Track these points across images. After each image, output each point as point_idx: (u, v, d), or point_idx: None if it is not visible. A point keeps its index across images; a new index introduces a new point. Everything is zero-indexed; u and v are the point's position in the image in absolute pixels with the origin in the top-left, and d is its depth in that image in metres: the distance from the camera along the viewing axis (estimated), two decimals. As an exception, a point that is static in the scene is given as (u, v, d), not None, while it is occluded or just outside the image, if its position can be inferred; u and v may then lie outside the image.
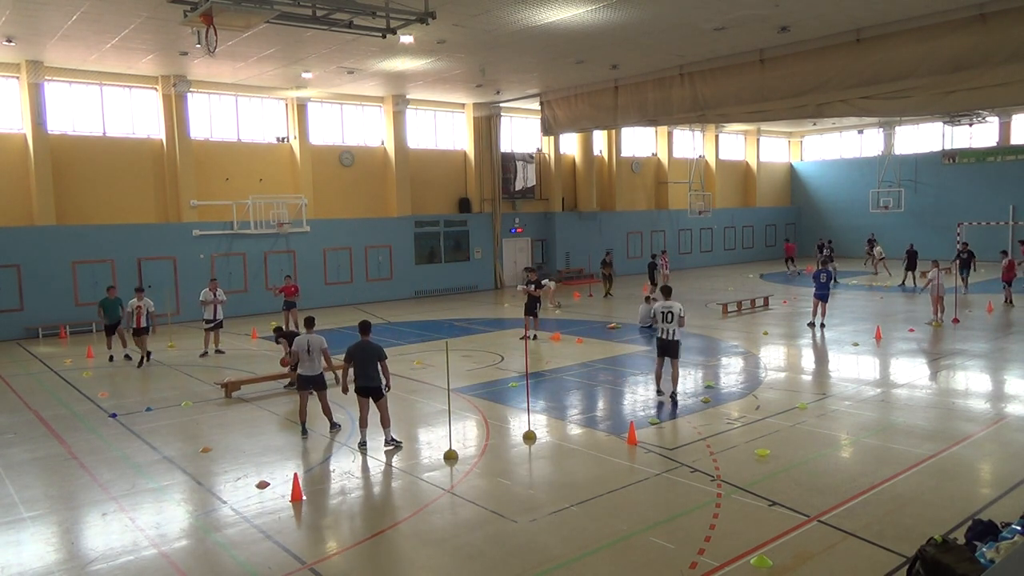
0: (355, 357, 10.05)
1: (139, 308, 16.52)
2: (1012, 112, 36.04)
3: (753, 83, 20.88)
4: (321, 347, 10.86)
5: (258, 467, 9.63)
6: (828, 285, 19.20)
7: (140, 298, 16.76)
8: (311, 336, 10.91)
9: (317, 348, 10.82)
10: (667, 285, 13.04)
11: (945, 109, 23.45)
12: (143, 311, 16.57)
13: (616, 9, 16.65)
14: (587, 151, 34.57)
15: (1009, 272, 22.49)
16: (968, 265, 25.45)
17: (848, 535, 7.14)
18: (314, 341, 10.83)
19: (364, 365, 10.02)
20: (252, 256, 25.40)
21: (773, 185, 45.74)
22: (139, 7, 15.84)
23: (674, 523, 7.55)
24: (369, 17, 13.72)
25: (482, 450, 10.12)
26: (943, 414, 11.24)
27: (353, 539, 7.56)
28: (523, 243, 33.39)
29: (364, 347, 10.07)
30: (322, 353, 10.87)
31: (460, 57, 21.32)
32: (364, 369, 10.02)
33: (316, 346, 10.81)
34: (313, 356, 10.80)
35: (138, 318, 16.51)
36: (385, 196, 29.16)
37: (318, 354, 10.82)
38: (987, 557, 5.69)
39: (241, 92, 25.44)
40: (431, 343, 18.38)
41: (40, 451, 10.54)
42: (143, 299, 16.79)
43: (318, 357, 10.83)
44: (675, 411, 11.79)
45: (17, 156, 21.76)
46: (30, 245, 21.41)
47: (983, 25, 16.49)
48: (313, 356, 10.80)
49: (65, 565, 7.03)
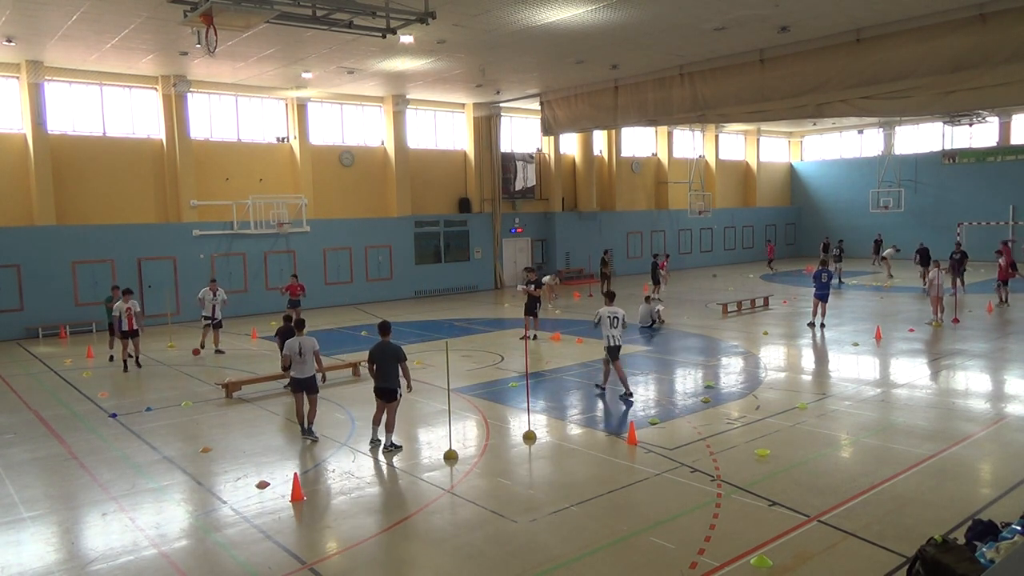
0: (377, 359, 10.02)
1: (128, 311, 15.98)
2: (1012, 112, 36.04)
3: (753, 83, 20.88)
4: (313, 349, 10.71)
5: (258, 467, 9.63)
6: (829, 285, 19.20)
7: (127, 300, 16.20)
8: (303, 338, 10.70)
9: (309, 350, 10.63)
10: (611, 290, 13.62)
11: (945, 109, 23.46)
12: (132, 313, 16.02)
13: (616, 9, 16.65)
14: (587, 151, 34.58)
15: (1006, 271, 22.50)
16: (960, 265, 25.24)
17: (848, 535, 7.13)
18: (306, 343, 10.64)
19: (385, 366, 9.98)
20: (252, 256, 25.40)
21: (773, 185, 45.74)
22: (139, 7, 15.84)
23: (674, 523, 7.55)
24: (369, 17, 13.72)
25: (482, 450, 10.12)
26: (943, 414, 11.24)
27: (353, 539, 7.56)
28: (523, 243, 33.40)
29: (385, 348, 10.04)
30: (314, 355, 10.72)
31: (460, 57, 21.32)
32: (385, 370, 9.97)
33: (308, 348, 10.62)
34: (305, 358, 10.60)
35: (129, 320, 15.99)
36: (385, 196, 29.17)
37: (310, 356, 10.65)
38: (987, 557, 5.68)
39: (241, 92, 25.43)
40: (431, 343, 18.38)
41: (40, 451, 10.54)
42: (130, 300, 16.22)
43: (310, 359, 10.66)
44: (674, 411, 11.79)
45: (17, 156, 21.77)
46: (30, 245, 21.41)
47: (983, 25, 16.49)
48: (305, 358, 10.60)
49: (65, 565, 7.03)
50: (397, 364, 9.98)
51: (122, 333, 16.17)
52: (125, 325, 16.01)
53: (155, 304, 22.64)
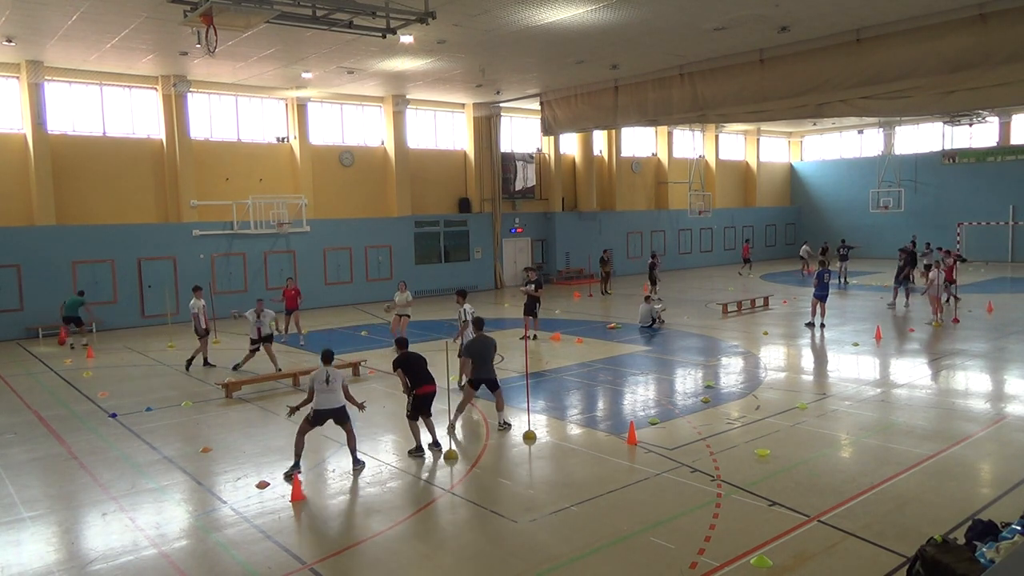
0: (476, 352, 10.49)
1: (203, 308, 16.07)
2: (1012, 112, 36.05)
3: (753, 83, 20.87)
4: (344, 380, 9.74)
5: (258, 467, 9.63)
6: (829, 286, 19.18)
7: (199, 297, 16.22)
8: (331, 369, 9.64)
9: (338, 379, 9.59)
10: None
11: (945, 109, 23.43)
12: (204, 310, 16.12)
13: (616, 9, 16.65)
14: (587, 151, 34.58)
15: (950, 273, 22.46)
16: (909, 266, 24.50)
17: (848, 535, 7.13)
18: (334, 373, 9.60)
19: (485, 359, 10.57)
20: (252, 256, 25.40)
21: (773, 185, 45.73)
22: (139, 7, 15.84)
23: (674, 523, 7.55)
24: (369, 17, 13.71)
25: (482, 450, 10.12)
26: (943, 414, 11.24)
27: (353, 539, 7.56)
28: (523, 243, 33.39)
29: (484, 341, 10.60)
30: (343, 388, 9.66)
31: (460, 57, 21.31)
32: (485, 362, 10.59)
33: (337, 378, 9.59)
34: (332, 386, 9.52)
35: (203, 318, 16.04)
36: (385, 196, 29.16)
37: (338, 385, 9.58)
38: (987, 557, 5.68)
39: (241, 92, 25.43)
40: (431, 343, 18.37)
41: (40, 451, 10.54)
42: (202, 298, 16.21)
43: (338, 388, 9.59)
44: (674, 411, 11.79)
45: (17, 156, 21.76)
46: (30, 245, 21.41)
47: (983, 25, 16.48)
48: (332, 386, 9.52)
49: (65, 565, 7.03)
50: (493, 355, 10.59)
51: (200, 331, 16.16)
52: (204, 323, 16.06)
53: (155, 304, 22.63)
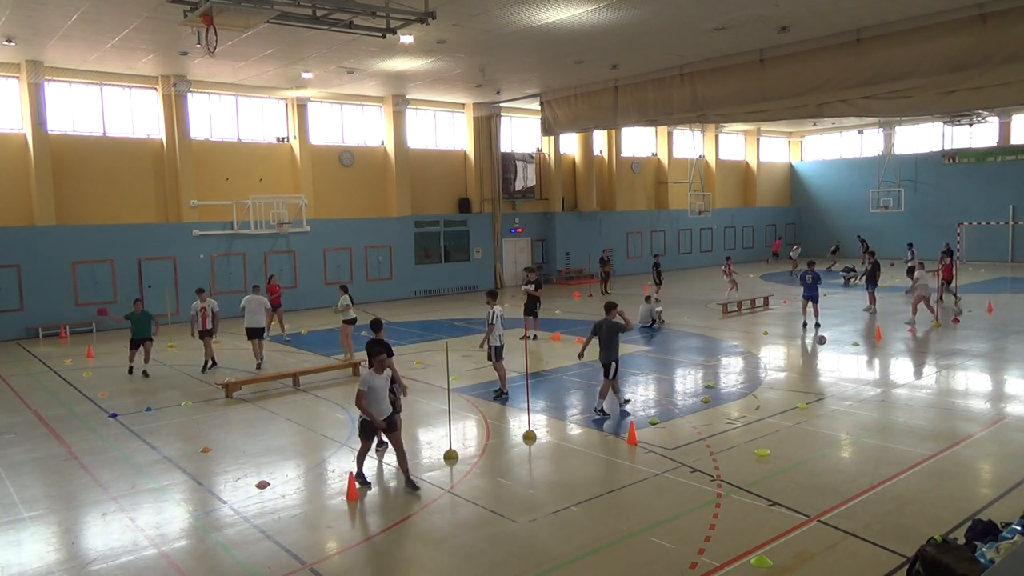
0: (600, 332, 11.39)
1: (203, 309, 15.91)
2: (1012, 112, 36.03)
3: (753, 83, 20.87)
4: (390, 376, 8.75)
5: (258, 467, 9.63)
6: (815, 287, 19.04)
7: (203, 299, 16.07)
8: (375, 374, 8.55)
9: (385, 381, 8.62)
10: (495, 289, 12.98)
11: (945, 109, 23.42)
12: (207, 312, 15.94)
13: (616, 9, 16.65)
14: (587, 151, 34.58)
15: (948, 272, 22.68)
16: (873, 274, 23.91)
17: (848, 535, 7.13)
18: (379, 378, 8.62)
19: (609, 339, 11.36)
20: (252, 256, 25.40)
21: (773, 185, 45.73)
22: (139, 7, 15.84)
23: (674, 523, 7.55)
24: (369, 17, 13.72)
25: (482, 450, 10.12)
26: (943, 414, 11.23)
27: (353, 539, 7.57)
28: (523, 243, 33.39)
29: (610, 324, 11.38)
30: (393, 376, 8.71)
31: (460, 57, 21.32)
32: (609, 343, 11.37)
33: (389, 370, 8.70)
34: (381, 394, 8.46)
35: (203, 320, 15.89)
36: (385, 196, 29.16)
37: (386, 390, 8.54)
38: (987, 557, 5.68)
39: (241, 92, 25.43)
40: (431, 343, 18.37)
41: (40, 451, 10.54)
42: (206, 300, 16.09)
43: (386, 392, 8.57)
44: (674, 411, 11.79)
45: (17, 156, 21.77)
46: (30, 245, 21.41)
47: (983, 25, 16.48)
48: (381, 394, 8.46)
49: (65, 565, 7.03)
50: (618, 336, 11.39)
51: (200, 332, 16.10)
52: (200, 324, 16.00)
53: (155, 304, 22.58)
